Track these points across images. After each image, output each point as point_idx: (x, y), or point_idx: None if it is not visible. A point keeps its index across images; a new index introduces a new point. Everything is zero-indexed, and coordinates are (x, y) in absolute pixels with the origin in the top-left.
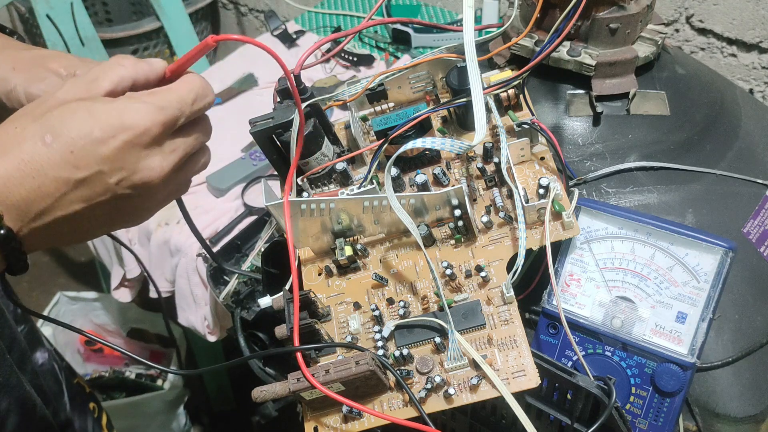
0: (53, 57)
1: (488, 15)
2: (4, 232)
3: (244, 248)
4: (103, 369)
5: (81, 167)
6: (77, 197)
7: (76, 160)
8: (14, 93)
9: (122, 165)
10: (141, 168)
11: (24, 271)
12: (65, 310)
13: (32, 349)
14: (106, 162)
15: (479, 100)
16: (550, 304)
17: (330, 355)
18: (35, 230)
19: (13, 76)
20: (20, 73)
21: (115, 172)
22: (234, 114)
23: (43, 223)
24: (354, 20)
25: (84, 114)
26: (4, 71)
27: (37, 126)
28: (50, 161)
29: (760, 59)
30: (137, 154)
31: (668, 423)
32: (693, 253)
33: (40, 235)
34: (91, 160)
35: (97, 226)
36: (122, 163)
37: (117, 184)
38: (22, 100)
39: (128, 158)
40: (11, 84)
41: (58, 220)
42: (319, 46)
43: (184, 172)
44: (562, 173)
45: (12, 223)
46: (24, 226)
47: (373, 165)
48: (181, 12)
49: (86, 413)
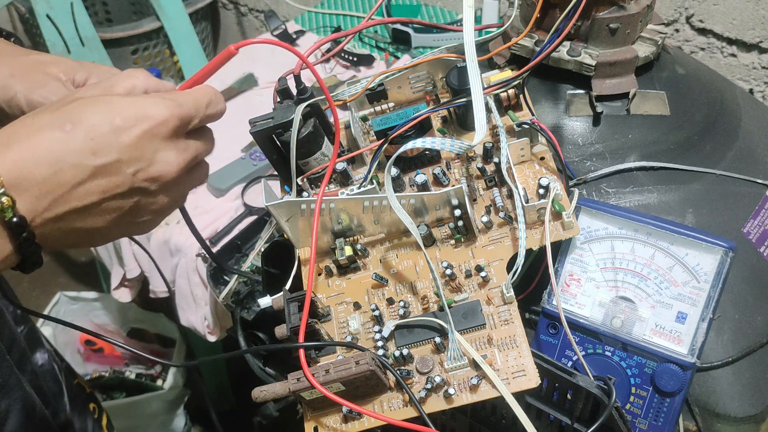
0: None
1: (488, 15)
2: (17, 220)
3: (244, 248)
4: (103, 369)
5: (100, 154)
6: (94, 187)
7: (96, 146)
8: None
9: (140, 155)
10: (158, 160)
11: (37, 266)
12: (65, 310)
13: (32, 349)
14: (125, 150)
15: (479, 100)
16: (550, 304)
17: (330, 355)
18: (48, 222)
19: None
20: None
21: (133, 162)
22: (234, 114)
23: (57, 215)
24: (354, 20)
25: (104, 105)
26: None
27: (55, 116)
28: (69, 148)
29: (760, 59)
30: (156, 145)
31: (668, 423)
32: (693, 253)
33: (52, 229)
34: (111, 147)
35: (108, 225)
36: (141, 152)
37: (134, 174)
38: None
39: (147, 148)
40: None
41: (72, 213)
42: (319, 46)
43: (190, 178)
44: (562, 173)
45: (26, 211)
46: (37, 216)
47: (373, 165)
48: (181, 12)
49: (86, 414)
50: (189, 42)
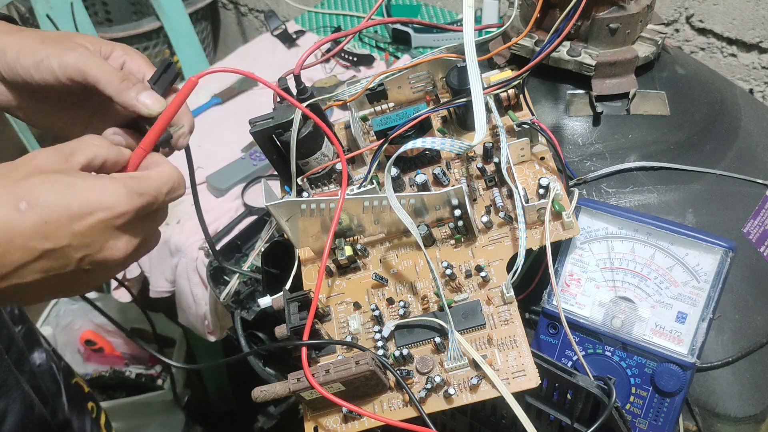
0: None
1: (488, 15)
2: None
3: (244, 248)
4: (103, 369)
5: (51, 239)
6: (38, 268)
7: (49, 230)
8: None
9: (91, 242)
10: (107, 247)
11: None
12: (65, 310)
13: (30, 349)
14: (77, 237)
15: (479, 100)
16: (550, 304)
17: (330, 355)
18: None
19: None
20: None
21: (82, 249)
22: (234, 114)
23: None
24: (354, 20)
25: (63, 187)
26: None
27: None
28: (21, 229)
29: (760, 59)
30: (108, 234)
31: (668, 423)
32: (693, 253)
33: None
34: (64, 233)
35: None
36: (92, 240)
37: (80, 260)
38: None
39: (99, 237)
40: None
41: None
42: (319, 46)
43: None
44: (562, 173)
45: None
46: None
47: (373, 165)
48: (181, 12)
49: (84, 413)
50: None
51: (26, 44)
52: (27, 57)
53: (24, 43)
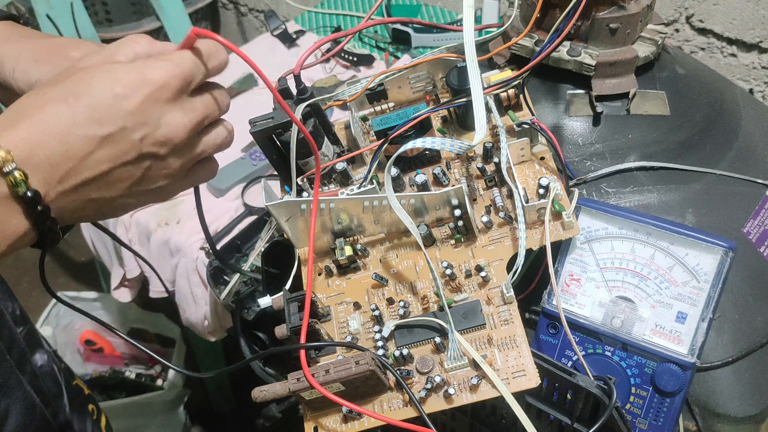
0: (72, 45)
1: (488, 15)
2: (30, 195)
3: (244, 248)
4: (103, 369)
5: (105, 124)
6: (104, 156)
7: (100, 116)
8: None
9: (145, 120)
10: (163, 123)
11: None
12: (65, 310)
13: (31, 350)
14: (129, 118)
15: (479, 100)
16: (550, 304)
17: (330, 355)
18: (63, 195)
19: (36, 69)
20: (44, 63)
21: (139, 128)
22: (234, 114)
23: (71, 186)
24: (354, 20)
25: (104, 74)
26: (26, 64)
27: (58, 90)
28: (75, 120)
29: (760, 59)
30: (159, 108)
31: (668, 423)
32: (693, 253)
33: (68, 201)
34: (115, 116)
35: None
36: (145, 117)
37: (141, 140)
38: None
39: (150, 113)
40: (34, 77)
41: (85, 183)
42: (319, 46)
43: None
44: (562, 173)
45: (39, 185)
46: (51, 190)
47: (373, 165)
48: (181, 12)
49: (85, 415)
50: None
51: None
52: (20, 76)
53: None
